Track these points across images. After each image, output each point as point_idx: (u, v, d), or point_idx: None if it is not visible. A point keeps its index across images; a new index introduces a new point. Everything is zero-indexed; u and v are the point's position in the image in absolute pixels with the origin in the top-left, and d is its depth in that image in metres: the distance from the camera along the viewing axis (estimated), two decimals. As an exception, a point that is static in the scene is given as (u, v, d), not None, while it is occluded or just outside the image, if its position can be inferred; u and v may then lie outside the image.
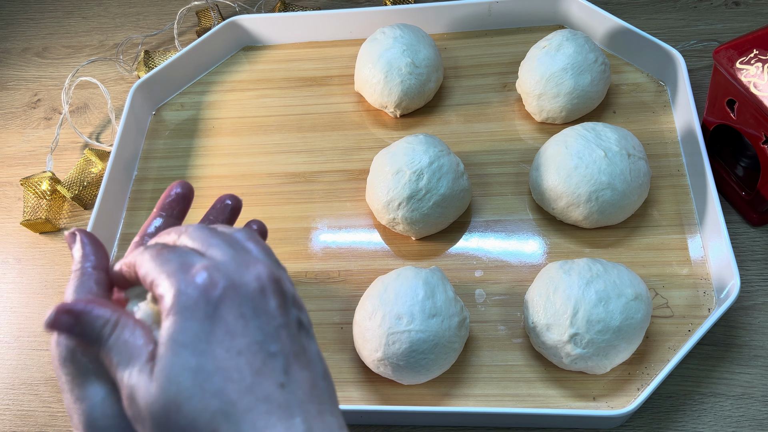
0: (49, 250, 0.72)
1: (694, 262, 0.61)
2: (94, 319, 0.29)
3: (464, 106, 0.74)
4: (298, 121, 0.76)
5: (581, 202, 0.60)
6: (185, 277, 0.28)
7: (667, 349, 0.57)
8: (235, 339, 0.27)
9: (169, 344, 0.27)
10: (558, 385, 0.56)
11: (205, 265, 0.28)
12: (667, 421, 0.55)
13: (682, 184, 0.66)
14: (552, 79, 0.67)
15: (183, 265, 0.28)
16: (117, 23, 0.92)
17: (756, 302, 0.60)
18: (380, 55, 0.71)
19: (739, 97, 0.58)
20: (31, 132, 0.82)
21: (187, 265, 0.28)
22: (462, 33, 0.80)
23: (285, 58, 0.82)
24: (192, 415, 0.26)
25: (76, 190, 0.73)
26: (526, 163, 0.69)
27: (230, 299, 0.27)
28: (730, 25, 0.78)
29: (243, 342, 0.27)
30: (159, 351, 0.27)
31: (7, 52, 0.91)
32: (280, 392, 0.27)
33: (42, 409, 0.62)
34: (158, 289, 0.28)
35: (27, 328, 0.67)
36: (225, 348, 0.27)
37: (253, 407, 0.26)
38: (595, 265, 0.54)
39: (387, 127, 0.74)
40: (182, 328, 0.27)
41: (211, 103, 0.79)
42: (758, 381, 0.56)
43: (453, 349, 0.55)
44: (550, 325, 0.53)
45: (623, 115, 0.71)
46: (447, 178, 0.61)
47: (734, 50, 0.57)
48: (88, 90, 0.84)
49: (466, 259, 0.64)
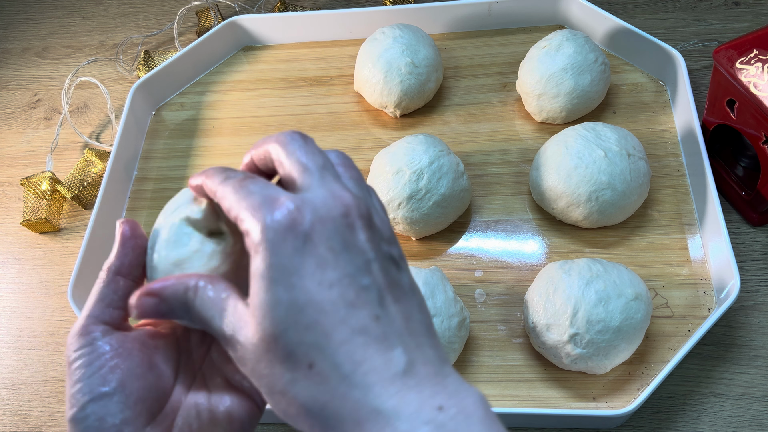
0: (49, 250, 0.72)
1: (694, 262, 0.61)
2: (174, 291, 0.29)
3: (464, 106, 0.74)
4: (298, 121, 0.76)
5: (581, 202, 0.60)
6: (270, 211, 0.27)
7: (667, 349, 0.57)
8: (326, 272, 0.26)
9: (260, 281, 0.26)
10: (558, 385, 0.56)
11: (290, 197, 0.27)
12: (667, 421, 0.55)
13: (682, 184, 0.66)
14: (552, 79, 0.67)
15: (267, 199, 0.27)
16: (117, 23, 0.92)
17: (756, 302, 0.60)
18: (380, 55, 0.71)
19: (739, 97, 0.58)
20: (31, 132, 0.82)
21: (271, 198, 0.27)
22: (462, 33, 0.80)
23: (285, 58, 0.82)
24: (289, 348, 0.26)
25: (76, 190, 0.73)
26: (526, 163, 0.69)
27: (318, 233, 0.27)
28: (730, 25, 0.78)
29: (334, 275, 0.27)
30: (251, 288, 0.27)
31: (7, 52, 0.91)
32: (375, 324, 0.27)
33: (42, 409, 0.62)
34: (243, 224, 0.27)
35: (27, 328, 0.67)
36: (316, 281, 0.26)
37: (348, 339, 0.26)
38: (595, 265, 0.54)
39: (387, 127, 0.74)
40: (272, 264, 0.26)
41: (211, 103, 0.79)
42: (758, 381, 0.56)
43: (453, 350, 0.55)
44: (550, 325, 0.53)
45: (623, 115, 0.71)
46: (447, 178, 0.61)
47: (734, 50, 0.57)
48: (88, 90, 0.84)
49: (466, 259, 0.64)
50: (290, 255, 0.26)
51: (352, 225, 0.28)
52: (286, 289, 0.26)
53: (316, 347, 0.26)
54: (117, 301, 0.32)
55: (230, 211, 0.28)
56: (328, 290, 0.26)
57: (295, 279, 0.26)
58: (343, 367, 0.26)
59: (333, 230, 0.27)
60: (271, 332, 0.26)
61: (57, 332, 0.66)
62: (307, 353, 0.26)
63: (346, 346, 0.26)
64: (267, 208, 0.27)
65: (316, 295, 0.26)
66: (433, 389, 0.26)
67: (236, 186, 0.29)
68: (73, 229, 0.73)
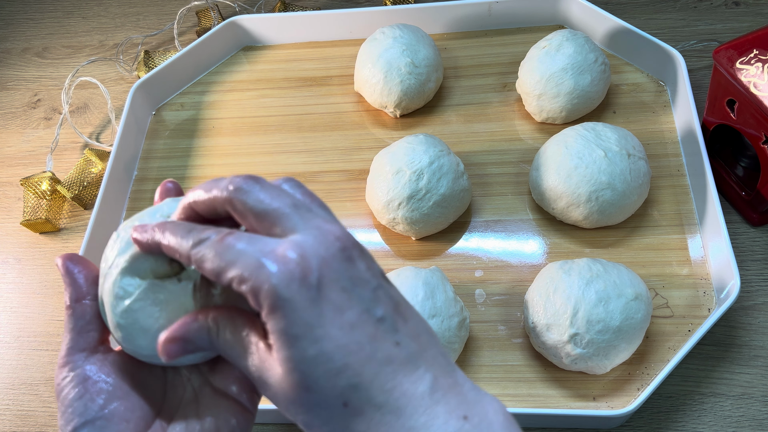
0: (49, 250, 0.72)
1: (694, 262, 0.61)
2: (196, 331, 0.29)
3: (464, 106, 0.74)
4: (298, 121, 0.76)
5: (581, 202, 0.60)
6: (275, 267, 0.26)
7: (667, 349, 0.57)
8: (344, 314, 0.27)
9: (284, 340, 0.26)
10: (558, 385, 0.56)
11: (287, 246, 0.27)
12: (667, 421, 0.55)
13: (682, 184, 0.66)
14: (552, 79, 0.67)
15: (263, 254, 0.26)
16: (117, 23, 0.92)
17: (756, 302, 0.60)
18: (380, 55, 0.71)
19: (739, 97, 0.58)
20: (31, 132, 0.82)
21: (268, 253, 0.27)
22: (462, 33, 0.80)
23: (285, 58, 0.82)
24: (322, 395, 0.26)
25: (76, 190, 0.73)
26: (526, 163, 0.69)
27: (327, 277, 0.27)
28: (730, 25, 0.78)
29: (352, 314, 0.27)
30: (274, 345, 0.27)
31: (7, 52, 0.91)
32: (398, 350, 0.27)
33: (42, 409, 0.62)
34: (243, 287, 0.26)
35: (27, 328, 0.67)
36: (338, 326, 0.27)
37: (378, 372, 0.27)
38: (595, 265, 0.54)
39: (387, 127, 0.74)
40: (292, 322, 0.26)
41: (211, 103, 0.79)
42: (758, 381, 0.56)
43: (453, 350, 0.55)
44: (550, 325, 0.53)
45: (623, 115, 0.71)
46: (447, 178, 0.61)
47: (734, 50, 0.57)
48: (88, 90, 0.84)
49: (466, 259, 0.64)
50: (308, 308, 0.26)
51: (351, 258, 0.28)
52: (310, 343, 0.26)
53: (348, 388, 0.26)
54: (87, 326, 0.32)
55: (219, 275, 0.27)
56: (350, 332, 0.27)
57: (318, 331, 0.26)
58: (377, 398, 0.27)
59: (338, 270, 0.27)
60: (301, 383, 0.26)
61: (57, 332, 0.66)
62: (341, 395, 0.26)
63: (377, 380, 0.27)
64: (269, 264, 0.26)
65: (340, 339, 0.26)
66: (456, 399, 0.27)
67: (218, 248, 0.27)
68: (73, 229, 0.73)
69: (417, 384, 0.27)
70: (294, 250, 0.27)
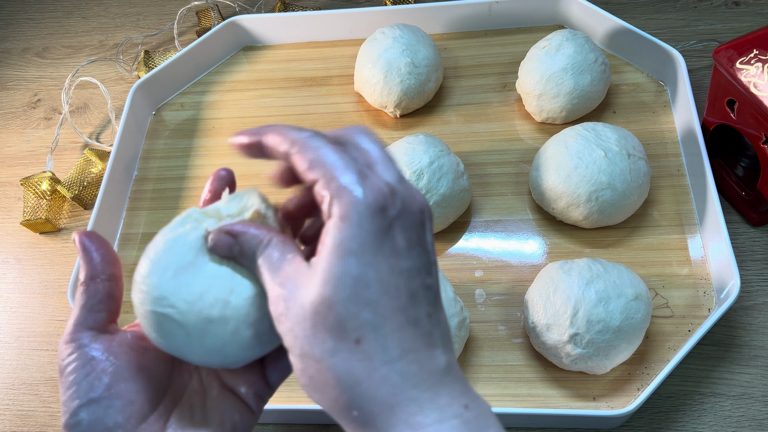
0: (49, 250, 0.72)
1: (694, 262, 0.61)
2: (250, 238, 0.30)
3: (464, 106, 0.74)
4: (298, 121, 0.76)
5: (581, 202, 0.60)
6: (367, 187, 0.27)
7: (667, 349, 0.57)
8: (399, 259, 0.27)
9: (337, 249, 0.27)
10: (558, 385, 0.56)
11: (383, 181, 0.28)
12: (667, 421, 0.55)
13: (682, 184, 0.66)
14: (552, 79, 0.67)
15: (361, 173, 0.27)
16: (117, 23, 0.92)
17: (756, 302, 0.60)
18: (380, 55, 0.71)
19: (739, 97, 0.58)
20: (31, 132, 0.82)
21: (365, 174, 0.28)
22: (462, 33, 0.80)
23: (285, 58, 0.82)
24: (342, 317, 0.26)
25: (76, 190, 0.73)
26: (526, 163, 0.69)
27: (401, 222, 0.27)
28: (730, 25, 0.78)
29: (406, 264, 0.27)
30: (322, 251, 0.27)
31: (7, 52, 0.91)
32: (427, 321, 0.28)
33: (42, 409, 0.62)
34: (333, 184, 0.27)
35: (27, 328, 0.67)
36: (389, 265, 0.27)
37: (403, 327, 0.27)
38: (595, 265, 0.54)
39: (387, 127, 0.74)
40: (355, 235, 0.26)
41: (211, 103, 0.79)
42: (758, 381, 0.56)
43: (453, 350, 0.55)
44: (550, 325, 0.53)
45: (623, 115, 0.71)
46: (447, 178, 0.61)
47: (734, 50, 0.57)
48: (88, 90, 0.84)
49: (466, 259, 0.64)
50: (374, 233, 0.27)
51: (424, 225, 0.29)
52: (360, 263, 0.26)
53: (370, 325, 0.26)
54: (98, 305, 0.32)
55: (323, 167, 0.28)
56: (398, 276, 0.27)
57: (371, 256, 0.27)
58: (392, 351, 0.26)
59: (413, 224, 0.28)
60: (330, 297, 0.26)
61: (57, 332, 0.66)
62: (359, 328, 0.26)
63: (399, 333, 0.27)
64: (362, 182, 0.27)
65: (386, 276, 0.27)
66: (461, 389, 0.28)
67: (336, 148, 0.28)
68: (73, 229, 0.73)
69: (432, 360, 0.27)
70: (388, 186, 0.27)
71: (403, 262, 0.27)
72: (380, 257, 0.27)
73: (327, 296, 0.26)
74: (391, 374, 0.26)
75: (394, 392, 0.26)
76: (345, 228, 0.27)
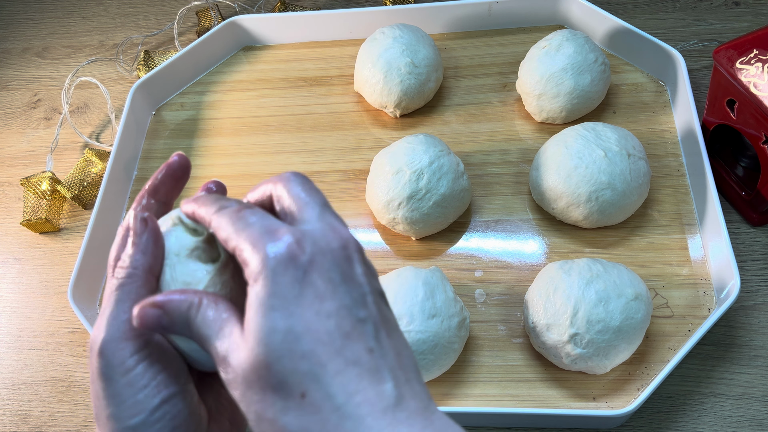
0: (49, 250, 0.72)
1: (694, 262, 0.61)
2: (178, 305, 0.29)
3: (464, 106, 0.74)
4: (298, 121, 0.76)
5: (581, 202, 0.60)
6: (271, 242, 0.27)
7: (667, 349, 0.57)
8: (324, 302, 0.27)
9: (259, 308, 0.27)
10: (558, 385, 0.56)
11: (290, 230, 0.28)
12: (667, 421, 0.55)
13: (682, 184, 0.66)
14: (552, 79, 0.67)
15: (266, 230, 0.28)
16: (117, 23, 0.92)
17: (756, 302, 0.60)
18: (380, 55, 0.71)
19: (739, 97, 0.58)
20: (31, 132, 0.82)
21: (271, 230, 0.28)
22: (462, 33, 0.80)
23: (285, 58, 0.82)
24: (281, 376, 0.26)
25: (76, 190, 0.73)
26: (526, 163, 0.69)
27: (318, 264, 0.27)
28: (730, 25, 0.78)
29: (332, 305, 0.27)
30: (248, 314, 0.27)
31: (7, 52, 0.91)
32: (369, 357, 0.27)
33: (42, 409, 0.62)
34: (242, 254, 0.28)
35: (27, 328, 0.67)
36: (314, 311, 0.27)
37: (342, 370, 0.26)
38: (595, 265, 0.54)
39: (387, 127, 0.74)
40: (272, 292, 0.27)
41: (211, 103, 0.79)
42: (758, 381, 0.56)
43: (453, 350, 0.55)
44: (550, 325, 0.53)
45: (623, 115, 0.71)
46: (447, 178, 0.61)
47: (734, 50, 0.57)
48: (88, 90, 0.84)
49: (466, 259, 0.64)
50: (290, 285, 0.27)
51: (350, 258, 0.28)
52: (284, 316, 0.26)
53: (310, 376, 0.26)
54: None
55: (228, 241, 0.28)
56: (326, 320, 0.27)
57: (293, 308, 0.26)
58: (337, 397, 0.26)
59: (332, 262, 0.28)
60: (264, 359, 0.26)
61: (57, 332, 0.66)
62: (301, 382, 0.26)
63: (340, 377, 0.26)
64: (267, 239, 0.27)
65: (313, 324, 0.26)
66: (423, 423, 0.26)
67: (233, 216, 0.29)
68: (73, 229, 0.73)
69: (381, 396, 0.26)
70: (294, 234, 0.28)
71: (328, 304, 0.27)
72: (304, 306, 0.27)
73: (262, 357, 0.26)
74: (342, 421, 0.26)
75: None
76: (262, 287, 0.27)
